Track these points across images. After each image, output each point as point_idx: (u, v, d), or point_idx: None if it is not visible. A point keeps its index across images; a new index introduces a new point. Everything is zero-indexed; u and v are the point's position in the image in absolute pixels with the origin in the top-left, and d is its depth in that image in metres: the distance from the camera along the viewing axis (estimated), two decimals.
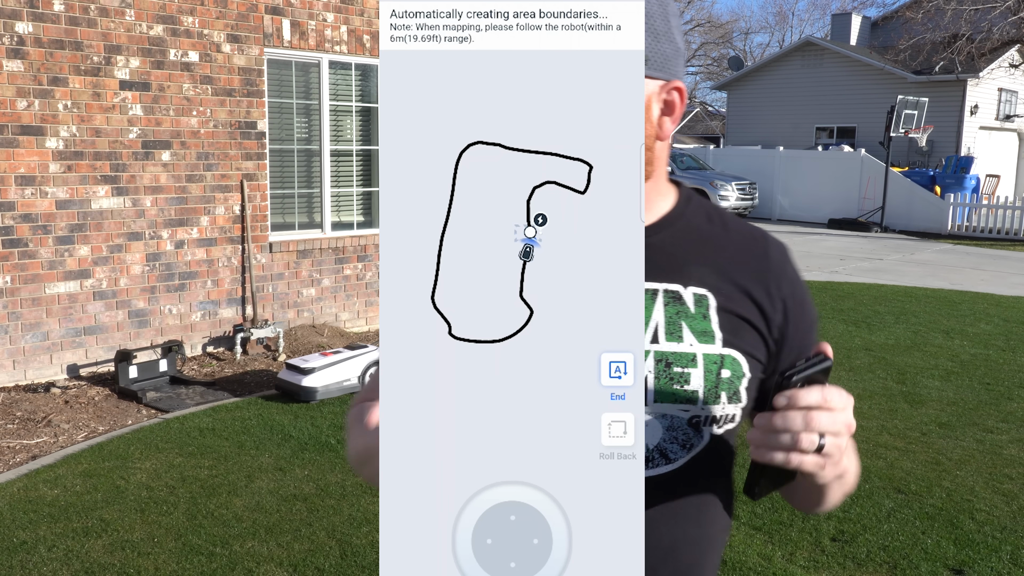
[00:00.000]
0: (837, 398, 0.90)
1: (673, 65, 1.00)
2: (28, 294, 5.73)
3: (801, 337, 1.08)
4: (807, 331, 1.09)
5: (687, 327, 1.02)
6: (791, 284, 1.08)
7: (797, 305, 1.08)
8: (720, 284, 1.04)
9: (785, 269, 1.09)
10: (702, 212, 1.10)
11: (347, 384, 5.62)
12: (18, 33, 5.51)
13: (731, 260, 1.06)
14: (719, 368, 1.02)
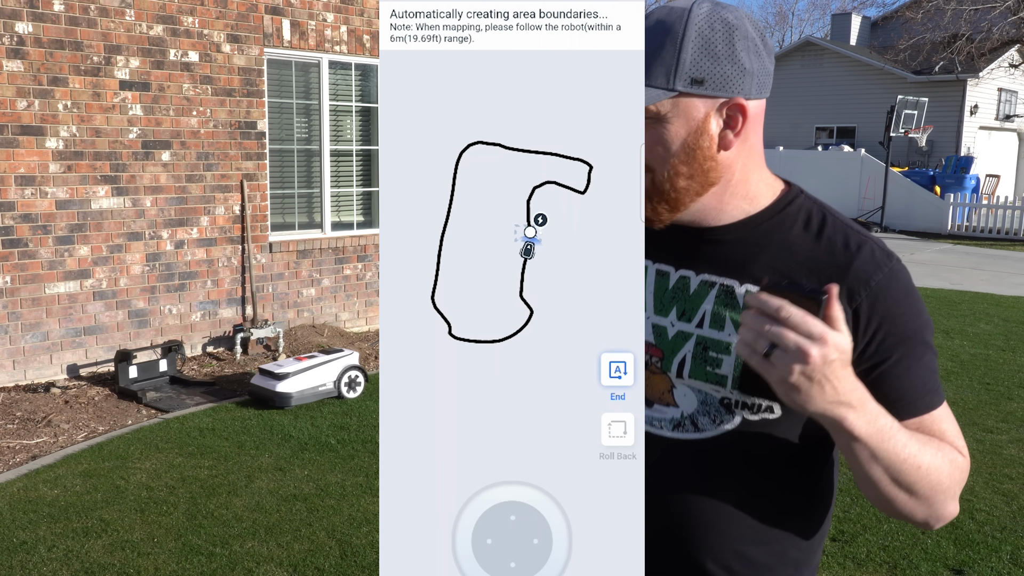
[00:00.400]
0: (800, 319, 0.94)
1: (735, 84, 1.07)
2: (28, 294, 5.73)
3: (882, 349, 1.09)
4: (893, 345, 1.09)
5: (731, 320, 1.11)
6: (874, 295, 1.09)
7: (877, 317, 1.09)
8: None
9: (870, 280, 1.09)
10: (800, 217, 1.15)
11: (323, 389, 5.45)
12: (18, 33, 5.51)
13: (803, 265, 1.11)
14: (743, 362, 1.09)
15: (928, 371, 1.12)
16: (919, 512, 1.08)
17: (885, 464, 1.03)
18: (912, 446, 1.05)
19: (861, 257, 1.11)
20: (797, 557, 1.19)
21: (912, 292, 1.13)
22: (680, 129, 1.08)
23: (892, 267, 1.12)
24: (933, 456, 1.06)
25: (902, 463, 1.03)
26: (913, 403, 1.11)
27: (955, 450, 1.11)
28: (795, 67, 25.69)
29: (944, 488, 1.07)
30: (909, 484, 1.05)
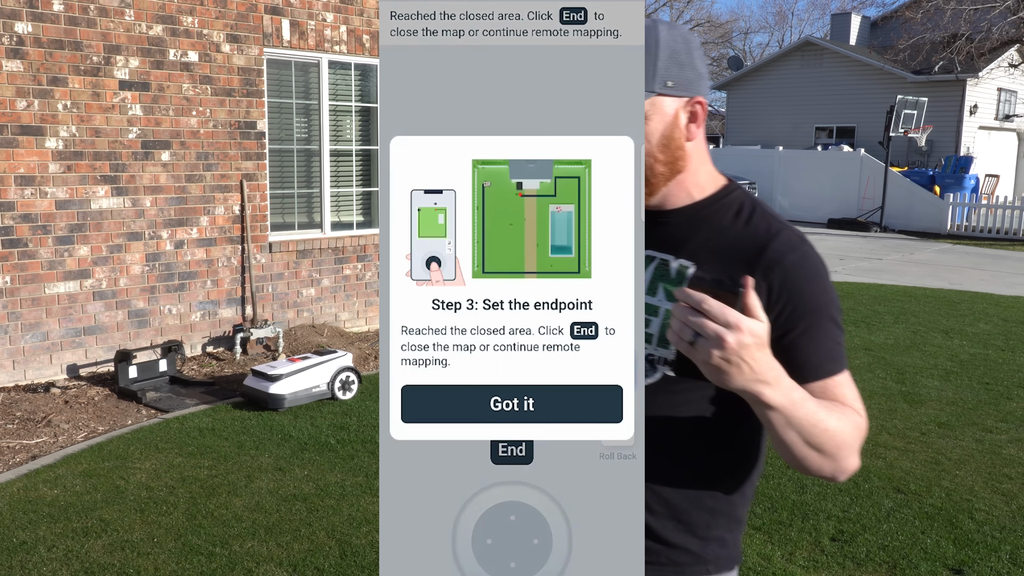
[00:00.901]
0: (718, 311, 1.08)
1: (695, 86, 1.31)
2: (28, 294, 5.73)
3: (791, 319, 1.26)
4: (799, 316, 1.26)
5: (663, 288, 1.30)
6: (784, 273, 1.27)
7: (787, 291, 1.27)
8: (706, 261, 1.29)
9: (783, 260, 1.28)
10: (734, 206, 1.35)
11: (316, 391, 5.42)
12: (17, 33, 5.51)
13: (730, 245, 1.30)
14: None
15: (832, 342, 1.28)
16: (827, 467, 1.23)
17: (798, 428, 1.18)
18: (820, 412, 1.20)
19: (778, 240, 1.29)
20: (712, 506, 1.35)
21: (821, 273, 1.31)
22: (658, 124, 1.29)
23: (804, 250, 1.30)
24: (837, 420, 1.22)
25: (812, 427, 1.19)
26: (817, 368, 1.26)
27: (855, 412, 1.27)
28: (795, 67, 25.69)
29: (847, 445, 1.23)
30: (818, 444, 1.20)
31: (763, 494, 4.13)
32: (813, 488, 4.22)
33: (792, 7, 63.67)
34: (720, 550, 1.38)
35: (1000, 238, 16.98)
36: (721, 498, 1.36)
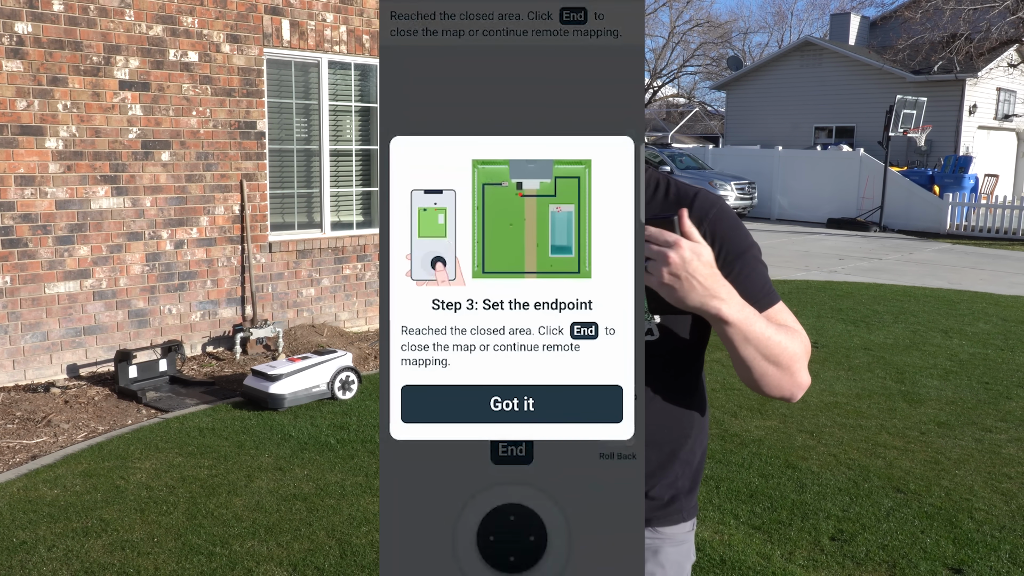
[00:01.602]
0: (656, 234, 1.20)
1: None
2: (28, 294, 5.73)
3: (725, 263, 1.38)
4: (732, 259, 1.41)
5: None
6: (711, 223, 1.42)
7: (718, 240, 1.41)
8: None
9: (707, 215, 1.43)
10: (652, 183, 1.50)
11: (316, 391, 5.42)
12: (17, 33, 5.51)
13: (657, 211, 1.44)
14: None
15: (763, 278, 1.44)
16: (785, 382, 1.36)
17: (755, 343, 1.30)
18: (771, 328, 1.33)
19: (697, 200, 1.46)
20: (685, 458, 1.52)
21: (738, 221, 1.48)
22: None
23: (721, 205, 1.47)
24: (786, 336, 1.35)
25: (767, 340, 1.31)
26: (757, 301, 1.38)
27: (799, 331, 1.41)
28: (794, 67, 25.69)
29: (798, 359, 1.36)
30: (775, 357, 1.33)
31: (763, 494, 4.13)
32: (813, 488, 4.22)
33: (791, 7, 63.66)
34: (688, 501, 1.55)
35: (999, 238, 16.98)
36: (690, 448, 1.52)
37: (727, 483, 4.26)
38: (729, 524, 3.80)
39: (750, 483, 4.26)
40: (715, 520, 3.84)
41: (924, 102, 19.39)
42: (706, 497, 4.08)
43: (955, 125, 23.15)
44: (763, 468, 4.47)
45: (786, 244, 15.47)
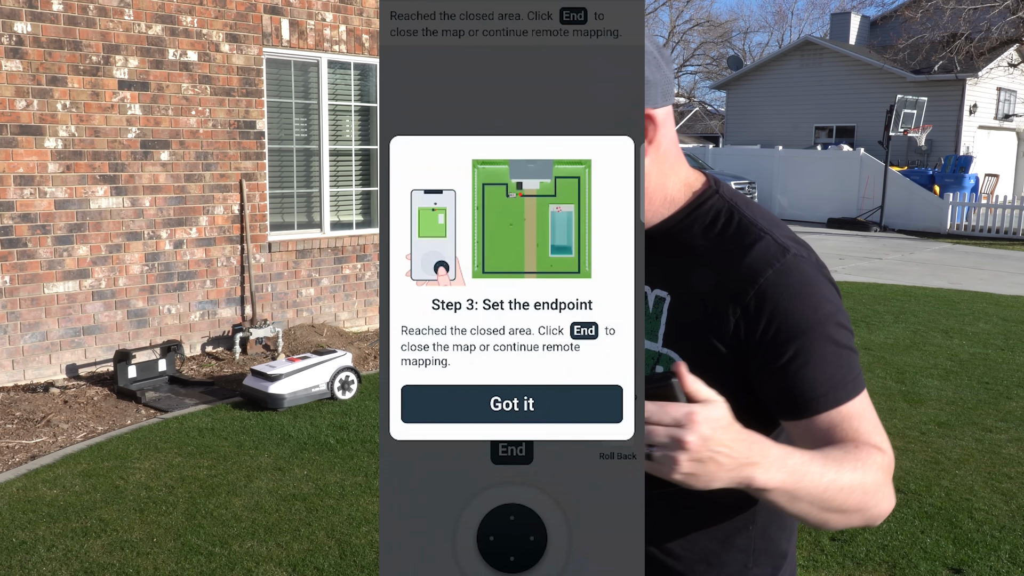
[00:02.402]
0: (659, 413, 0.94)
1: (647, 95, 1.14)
2: (27, 294, 5.73)
3: (775, 346, 1.10)
4: (785, 341, 1.10)
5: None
6: (762, 292, 1.11)
7: (766, 314, 1.10)
8: (682, 288, 1.16)
9: (758, 277, 1.12)
10: (708, 217, 1.19)
11: (316, 391, 5.42)
12: (17, 33, 5.51)
13: (706, 263, 1.16)
14: (654, 363, 1.16)
15: (832, 366, 1.10)
16: (855, 521, 1.08)
17: (808, 500, 1.02)
18: (829, 472, 1.03)
19: (752, 254, 1.13)
20: (745, 544, 1.22)
21: (811, 284, 1.12)
22: None
23: (785, 262, 1.12)
24: (852, 472, 1.05)
25: (823, 492, 1.02)
26: (817, 399, 1.10)
27: (874, 449, 1.09)
28: (794, 66, 25.70)
29: (872, 495, 1.07)
30: (837, 507, 1.05)
31: None
32: None
33: (792, 7, 63.69)
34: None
35: (1000, 237, 16.98)
36: (755, 534, 1.22)
37: None
38: None
39: None
40: None
41: (924, 102, 19.39)
42: None
43: (955, 125, 23.16)
44: None
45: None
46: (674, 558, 1.22)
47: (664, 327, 1.16)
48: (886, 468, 1.09)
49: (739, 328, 1.11)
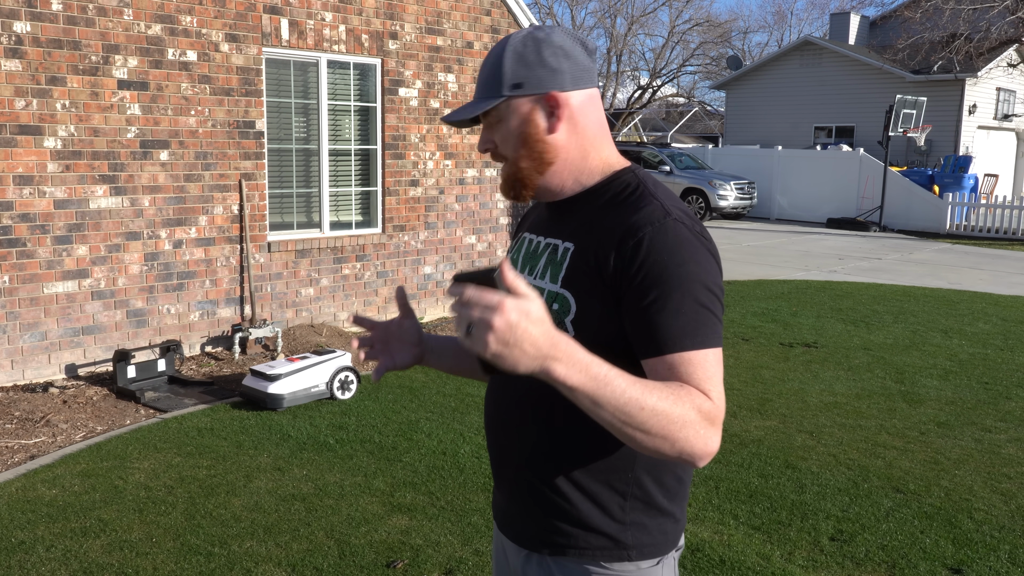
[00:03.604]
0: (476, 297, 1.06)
1: (548, 82, 1.35)
2: (26, 294, 5.72)
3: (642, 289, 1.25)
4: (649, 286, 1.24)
5: (550, 271, 1.38)
6: (638, 243, 1.26)
7: (639, 260, 1.26)
8: (586, 240, 1.34)
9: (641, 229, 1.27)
10: (618, 187, 1.38)
11: (315, 391, 5.41)
12: (16, 32, 5.50)
13: (607, 222, 1.33)
14: (552, 303, 1.34)
15: (684, 316, 1.23)
16: (665, 448, 1.17)
17: (610, 408, 1.13)
18: (634, 390, 1.14)
19: (640, 214, 1.30)
20: (622, 489, 1.36)
21: (683, 244, 1.26)
22: (514, 123, 1.37)
23: (665, 222, 1.28)
24: (660, 400, 1.15)
25: (624, 406, 1.13)
26: (663, 342, 1.22)
27: (698, 392, 1.20)
28: (794, 66, 25.68)
29: (679, 426, 1.15)
30: (638, 425, 1.14)
31: (762, 494, 4.13)
32: (812, 488, 4.22)
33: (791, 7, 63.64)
34: (641, 535, 1.37)
35: (999, 238, 16.98)
36: (631, 480, 1.36)
37: (726, 483, 4.26)
38: (729, 524, 3.80)
39: (750, 483, 4.26)
40: (715, 520, 3.84)
41: (924, 102, 19.38)
42: (705, 497, 4.08)
43: (955, 125, 23.15)
44: (763, 468, 4.46)
45: (786, 244, 15.47)
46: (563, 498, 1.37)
47: (564, 271, 1.35)
48: (704, 411, 1.18)
49: (616, 270, 1.27)
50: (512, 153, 1.39)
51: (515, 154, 1.39)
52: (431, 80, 7.91)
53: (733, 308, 8.96)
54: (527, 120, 1.37)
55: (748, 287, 10.41)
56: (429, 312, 8.21)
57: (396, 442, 4.78)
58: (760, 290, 10.19)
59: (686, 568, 3.39)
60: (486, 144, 1.42)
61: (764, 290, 10.20)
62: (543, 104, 1.37)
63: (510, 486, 1.46)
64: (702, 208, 18.92)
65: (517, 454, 1.42)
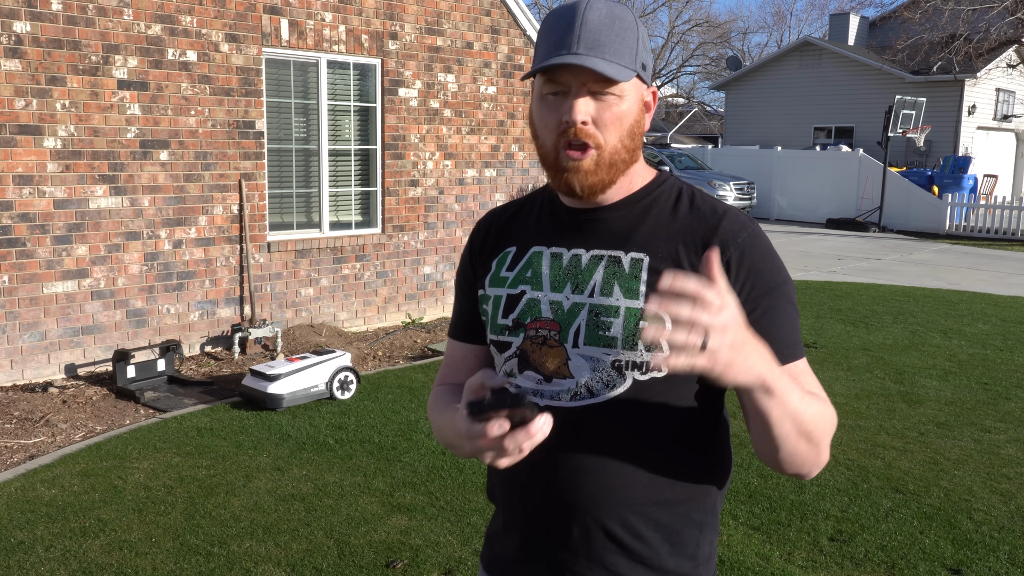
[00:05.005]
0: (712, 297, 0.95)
1: (651, 75, 1.25)
2: (26, 293, 5.72)
3: (750, 299, 1.19)
4: (759, 296, 1.19)
5: (618, 285, 1.21)
6: (740, 250, 1.20)
7: (744, 270, 1.19)
8: (660, 248, 1.22)
9: (736, 237, 1.21)
10: (673, 192, 1.28)
11: (315, 391, 5.40)
12: (16, 32, 5.50)
13: (680, 229, 1.23)
14: (638, 319, 1.18)
15: (791, 324, 1.20)
16: (810, 459, 1.15)
17: (792, 416, 1.08)
18: (806, 397, 1.11)
19: (727, 219, 1.22)
20: (700, 519, 1.26)
21: (773, 251, 1.23)
22: (633, 107, 1.20)
23: (753, 228, 1.23)
24: (816, 403, 1.13)
25: (802, 413, 1.09)
26: (780, 351, 1.16)
27: (825, 399, 1.19)
28: (793, 67, 25.69)
29: (829, 431, 1.16)
30: (809, 432, 1.11)
31: (762, 494, 4.13)
32: (812, 488, 4.22)
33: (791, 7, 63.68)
34: (708, 567, 1.29)
35: (998, 238, 16.98)
36: (707, 509, 1.27)
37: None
38: (728, 524, 3.80)
39: (749, 483, 4.26)
40: None
41: (923, 102, 19.39)
42: None
43: (954, 125, 23.16)
44: (762, 468, 4.46)
45: (785, 244, 15.48)
46: (642, 541, 1.23)
47: (645, 285, 1.20)
48: (835, 419, 1.18)
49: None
50: (614, 139, 1.19)
51: (618, 141, 1.19)
52: (431, 80, 7.91)
53: None
54: (638, 108, 1.21)
55: None
56: (429, 312, 8.21)
57: (396, 442, 4.78)
58: None
59: None
60: (586, 116, 1.17)
61: None
62: (646, 96, 1.24)
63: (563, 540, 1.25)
64: None
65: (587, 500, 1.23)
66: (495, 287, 1.32)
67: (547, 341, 1.24)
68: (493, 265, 1.33)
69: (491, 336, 1.32)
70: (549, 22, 1.20)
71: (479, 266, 1.37)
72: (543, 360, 1.23)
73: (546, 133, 1.20)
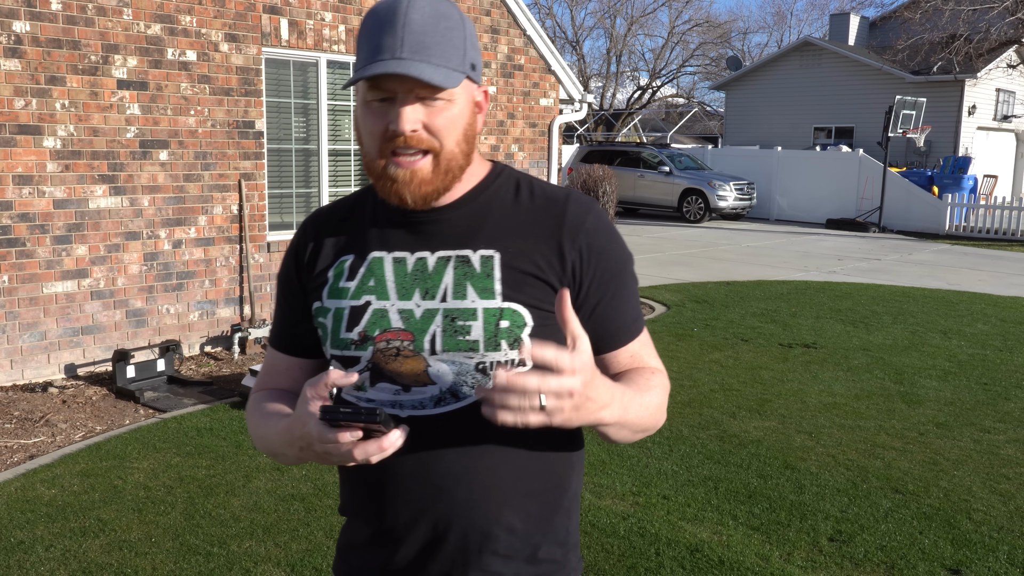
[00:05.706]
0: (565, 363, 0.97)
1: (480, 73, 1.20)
2: (26, 293, 5.72)
3: (602, 283, 1.20)
4: (609, 278, 1.21)
5: (471, 286, 1.17)
6: (588, 235, 1.20)
7: (595, 255, 1.20)
8: (510, 244, 1.19)
9: (584, 223, 1.20)
10: (511, 184, 1.25)
11: None
12: (15, 32, 5.50)
13: (527, 221, 1.20)
14: (498, 320, 1.16)
15: (634, 298, 1.24)
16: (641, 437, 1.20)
17: (629, 427, 1.14)
18: (642, 398, 1.15)
19: (571, 204, 1.21)
20: (568, 505, 1.27)
21: (614, 229, 1.24)
22: (465, 110, 1.16)
23: (596, 209, 1.22)
24: (652, 396, 1.18)
25: (639, 419, 1.14)
26: (627, 331, 1.22)
27: (659, 373, 1.24)
28: (793, 67, 25.69)
29: (661, 412, 1.20)
30: (643, 428, 1.17)
31: (761, 494, 4.13)
32: (811, 488, 4.22)
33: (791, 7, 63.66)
34: (576, 552, 1.29)
35: (998, 238, 16.98)
36: (572, 493, 1.27)
37: (726, 484, 4.26)
38: (728, 525, 3.80)
39: (748, 484, 4.26)
40: (714, 521, 3.84)
41: (923, 103, 19.39)
42: (704, 498, 4.08)
43: (954, 126, 23.16)
44: (762, 469, 4.46)
45: (785, 245, 15.48)
46: (515, 536, 1.22)
47: (500, 283, 1.17)
48: (667, 389, 1.24)
49: (574, 267, 1.18)
50: (450, 143, 1.15)
51: (454, 146, 1.15)
52: None
53: (732, 309, 8.96)
54: (470, 109, 1.17)
55: (747, 288, 10.41)
56: None
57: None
58: (759, 291, 10.19)
59: (685, 568, 3.39)
60: (415, 123, 1.13)
61: (763, 291, 10.20)
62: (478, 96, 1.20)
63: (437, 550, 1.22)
64: (701, 209, 18.91)
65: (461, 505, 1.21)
66: (335, 299, 1.23)
67: (401, 352, 1.18)
68: (330, 276, 1.25)
69: (333, 351, 1.23)
70: (369, 22, 1.14)
71: (308, 275, 1.29)
72: (399, 370, 1.18)
73: (371, 141, 1.17)
